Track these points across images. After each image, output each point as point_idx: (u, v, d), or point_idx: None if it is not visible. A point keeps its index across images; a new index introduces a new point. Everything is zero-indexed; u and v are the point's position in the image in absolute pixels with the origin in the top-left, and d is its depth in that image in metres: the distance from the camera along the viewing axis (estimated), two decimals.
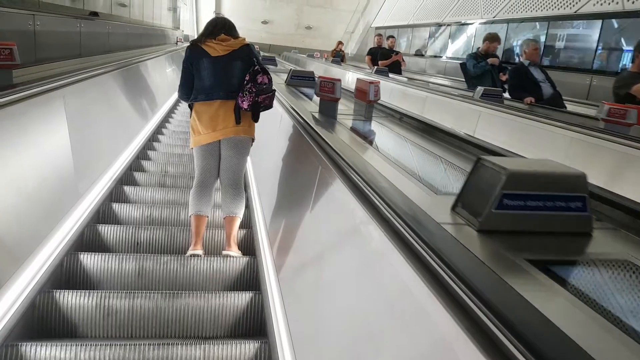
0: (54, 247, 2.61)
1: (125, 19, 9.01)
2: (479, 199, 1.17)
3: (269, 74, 2.99)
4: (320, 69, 10.45)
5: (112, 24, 7.28)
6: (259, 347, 2.16)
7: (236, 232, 3.09)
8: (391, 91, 6.65)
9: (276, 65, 8.08)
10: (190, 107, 3.08)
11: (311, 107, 3.30)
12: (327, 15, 21.21)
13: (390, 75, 8.03)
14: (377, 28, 18.16)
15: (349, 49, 20.77)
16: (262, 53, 10.06)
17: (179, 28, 16.60)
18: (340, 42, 14.20)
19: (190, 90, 3.02)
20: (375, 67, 8.58)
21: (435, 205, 1.34)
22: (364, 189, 1.50)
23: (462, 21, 12.45)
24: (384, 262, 1.31)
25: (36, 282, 2.35)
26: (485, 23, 11.15)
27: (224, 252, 3.00)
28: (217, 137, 2.99)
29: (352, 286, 1.49)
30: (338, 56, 12.94)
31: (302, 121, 2.78)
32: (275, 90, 3.04)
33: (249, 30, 20.19)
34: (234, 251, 3.02)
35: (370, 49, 9.77)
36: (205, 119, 2.98)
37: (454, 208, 1.27)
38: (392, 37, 9.50)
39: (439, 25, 13.73)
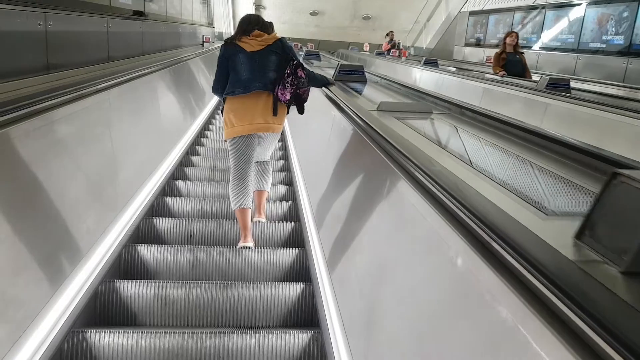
0: (113, 240, 2.72)
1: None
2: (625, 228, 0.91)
3: (306, 69, 3.12)
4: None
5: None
6: (311, 336, 2.18)
7: (265, 203, 3.44)
8: None
9: (366, 81, 4.68)
10: (224, 100, 3.14)
11: None
12: (392, 2, 17.34)
13: None
14: (471, 13, 13.73)
15: (423, 43, 17.15)
16: (334, 59, 7.96)
17: (212, 24, 13.12)
18: (511, 34, 6.83)
19: (224, 85, 3.11)
20: None
21: None
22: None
23: None
24: (456, 266, 1.29)
25: (98, 272, 2.46)
26: None
27: (255, 219, 3.31)
28: (252, 130, 3.06)
29: (410, 278, 1.48)
30: (515, 61, 6.62)
31: None
32: (309, 87, 3.11)
33: (295, 25, 18.03)
34: (263, 218, 3.37)
35: None
36: (241, 111, 3.04)
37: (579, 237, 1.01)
38: None
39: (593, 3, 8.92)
